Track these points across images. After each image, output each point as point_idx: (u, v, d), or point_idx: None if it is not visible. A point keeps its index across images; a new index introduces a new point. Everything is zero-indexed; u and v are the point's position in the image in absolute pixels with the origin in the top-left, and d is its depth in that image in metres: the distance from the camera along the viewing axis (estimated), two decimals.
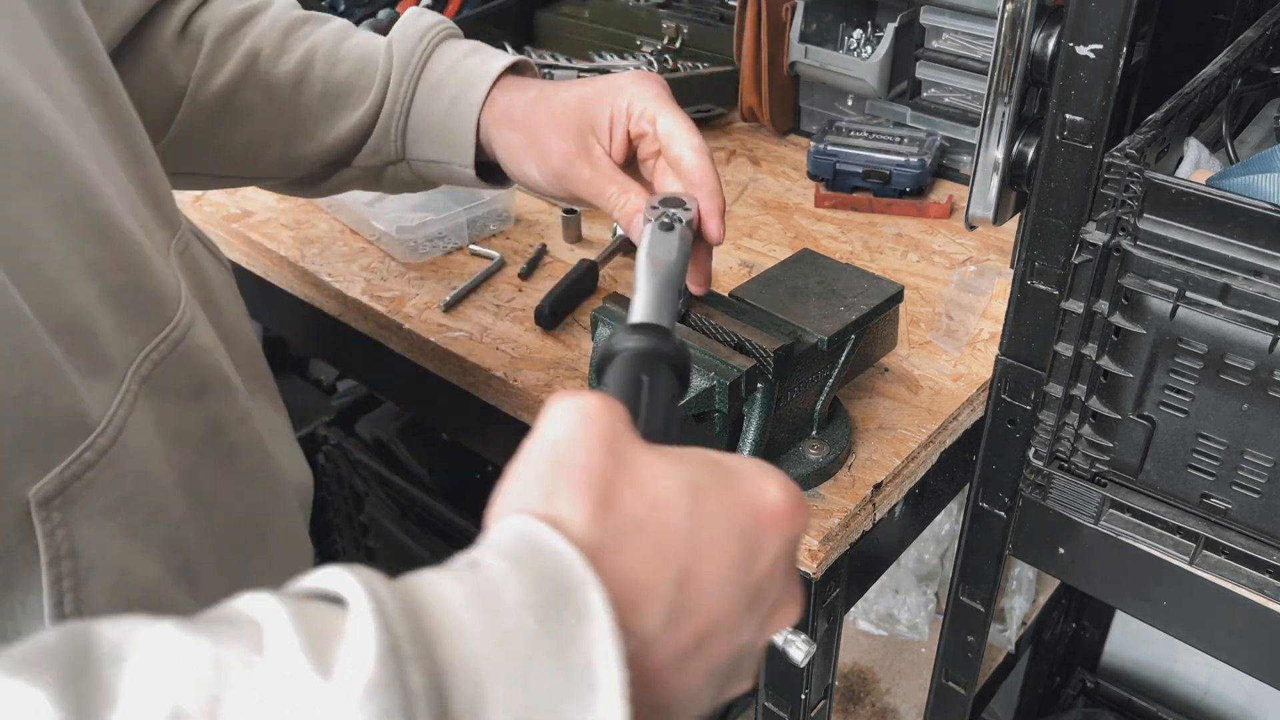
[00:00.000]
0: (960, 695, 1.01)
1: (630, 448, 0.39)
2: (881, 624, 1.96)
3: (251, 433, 0.63)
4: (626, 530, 0.38)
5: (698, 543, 0.38)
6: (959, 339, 0.94)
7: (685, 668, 0.38)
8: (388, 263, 1.07)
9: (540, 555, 0.36)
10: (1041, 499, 0.78)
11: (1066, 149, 0.66)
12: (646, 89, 0.70)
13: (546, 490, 0.38)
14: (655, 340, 0.50)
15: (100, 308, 0.52)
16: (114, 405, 0.51)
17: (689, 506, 0.39)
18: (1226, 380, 0.65)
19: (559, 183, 0.72)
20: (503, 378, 0.91)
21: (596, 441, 0.39)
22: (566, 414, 0.40)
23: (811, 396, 0.80)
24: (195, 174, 0.80)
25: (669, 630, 0.37)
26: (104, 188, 0.53)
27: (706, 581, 0.38)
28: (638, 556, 0.37)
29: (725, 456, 0.42)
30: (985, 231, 1.05)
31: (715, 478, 0.40)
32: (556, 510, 0.38)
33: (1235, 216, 0.61)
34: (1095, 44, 0.62)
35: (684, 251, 0.62)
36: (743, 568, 0.40)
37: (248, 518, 0.63)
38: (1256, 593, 0.70)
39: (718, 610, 0.39)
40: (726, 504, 0.40)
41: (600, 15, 1.45)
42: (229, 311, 0.70)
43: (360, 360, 1.12)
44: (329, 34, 0.78)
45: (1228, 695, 1.55)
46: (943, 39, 1.17)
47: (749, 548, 0.40)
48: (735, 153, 1.27)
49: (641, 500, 0.38)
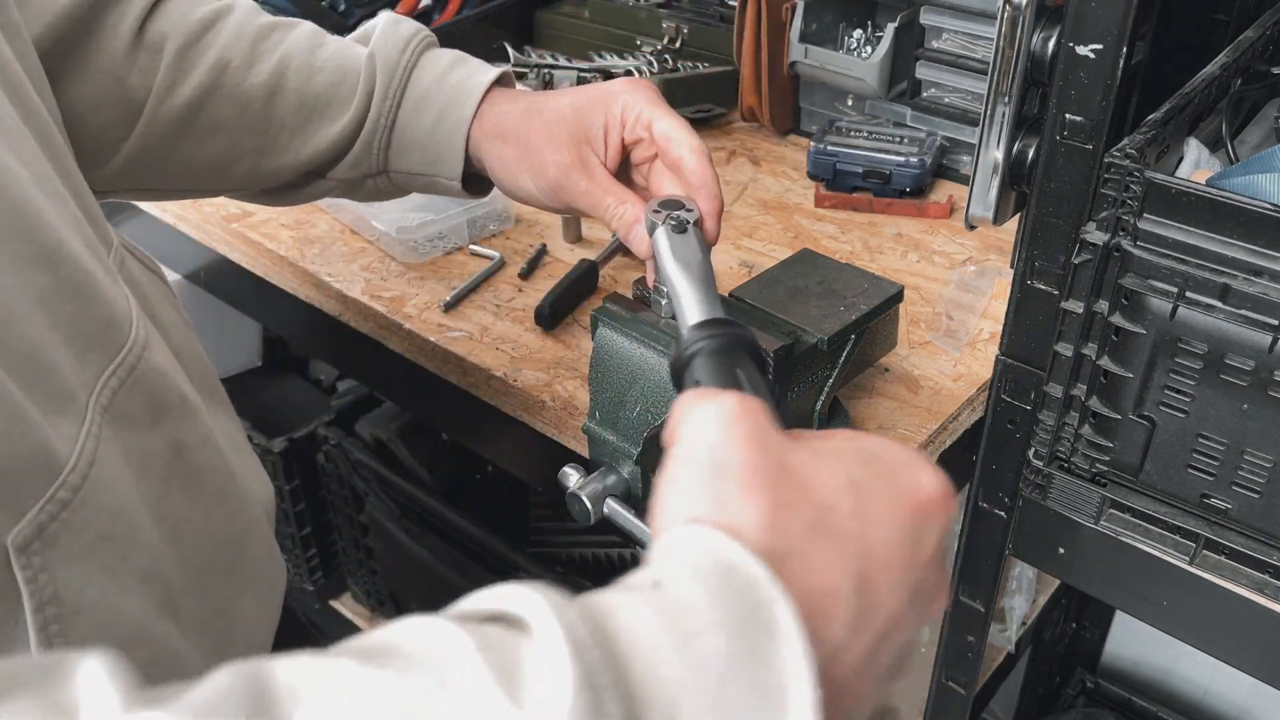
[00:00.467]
0: (960, 695, 1.01)
1: (782, 446, 0.39)
2: None
3: (215, 453, 0.61)
4: (804, 535, 0.37)
5: (870, 542, 0.38)
6: (959, 339, 0.94)
7: (867, 671, 0.38)
8: (388, 263, 1.07)
9: (726, 571, 0.35)
10: (1041, 499, 0.78)
11: (1066, 149, 0.66)
12: (639, 94, 0.70)
13: (715, 496, 0.37)
14: (730, 332, 0.50)
15: (54, 339, 0.49)
16: (80, 440, 0.49)
17: (854, 504, 0.39)
18: (1226, 380, 0.65)
19: (555, 194, 0.71)
20: (503, 378, 0.91)
21: (753, 442, 0.38)
22: (712, 417, 0.39)
23: (811, 396, 0.80)
24: (152, 189, 0.77)
25: (854, 636, 0.37)
26: (47, 213, 0.51)
27: (882, 581, 0.38)
28: (819, 562, 0.37)
29: (873, 444, 0.42)
30: (985, 231, 1.05)
31: (871, 470, 0.40)
32: (731, 517, 0.37)
33: (1235, 216, 0.61)
34: (1095, 44, 0.62)
35: (705, 249, 0.63)
36: (909, 564, 0.40)
37: (222, 540, 0.61)
38: (1256, 593, 0.70)
39: (893, 609, 0.39)
40: (888, 498, 0.40)
41: (600, 15, 1.45)
42: (174, 326, 0.66)
43: (360, 360, 1.12)
44: (301, 41, 0.75)
45: (1228, 695, 1.55)
46: (943, 39, 1.17)
47: (914, 541, 0.40)
48: (735, 153, 1.27)
49: (809, 502, 0.38)
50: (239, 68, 0.72)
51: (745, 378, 0.48)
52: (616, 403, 0.77)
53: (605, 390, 0.77)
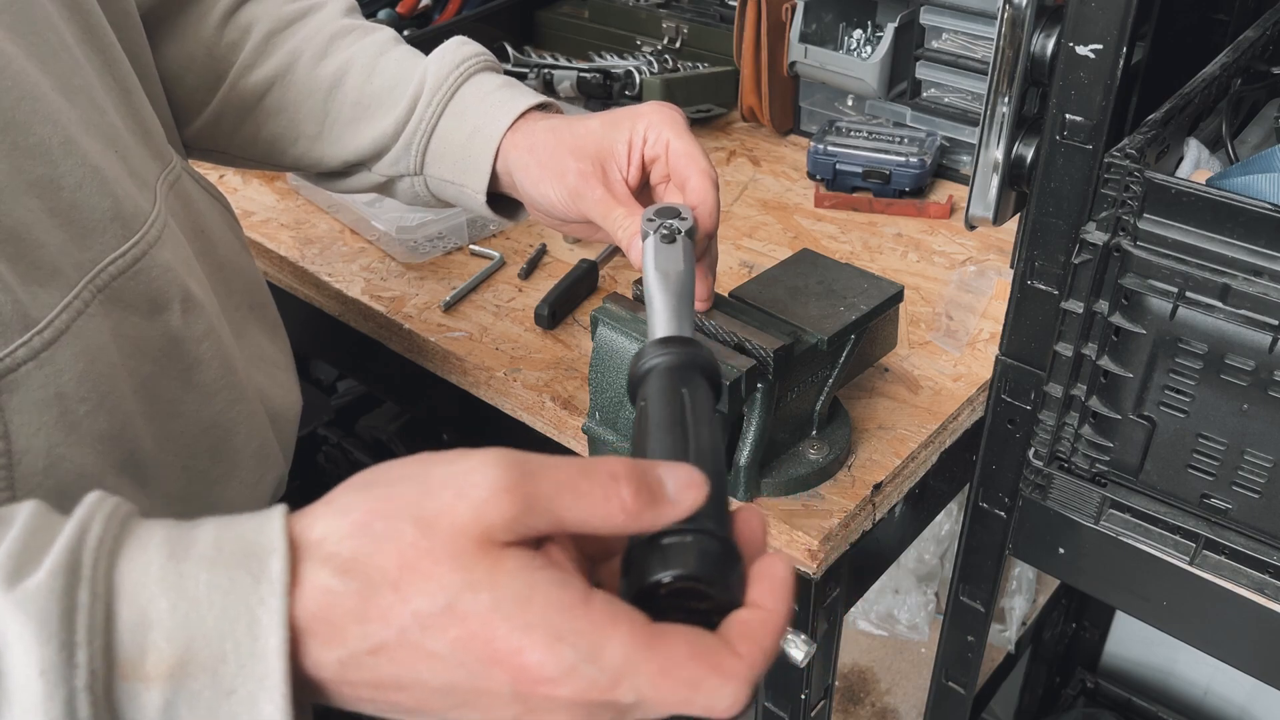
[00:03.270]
0: (960, 695, 1.01)
1: (468, 555, 0.38)
2: (881, 624, 1.96)
3: (217, 349, 0.66)
4: (358, 590, 0.38)
5: (415, 653, 0.38)
6: (959, 339, 0.94)
7: (357, 698, 0.40)
8: (388, 263, 1.07)
9: (250, 523, 0.39)
10: (1041, 499, 0.78)
11: (1066, 149, 0.66)
12: (664, 115, 0.72)
13: (366, 509, 0.39)
14: (686, 352, 0.50)
15: (50, 221, 0.56)
16: (57, 309, 0.55)
17: (432, 622, 0.37)
18: (1226, 380, 0.65)
19: (573, 200, 0.73)
20: (503, 378, 0.91)
21: (452, 521, 0.38)
22: (474, 483, 0.39)
23: (811, 396, 0.80)
24: (224, 153, 0.84)
25: (339, 670, 0.38)
26: (62, 114, 0.57)
27: (407, 682, 0.38)
28: (346, 607, 0.38)
29: (550, 591, 0.38)
30: (985, 231, 1.05)
31: (483, 611, 0.37)
32: (329, 521, 0.39)
33: (1235, 216, 0.61)
34: (1095, 44, 0.62)
35: (690, 261, 0.62)
36: (452, 704, 0.39)
37: (210, 426, 0.66)
38: (1256, 593, 0.70)
39: (408, 701, 0.39)
40: (468, 642, 0.37)
41: (600, 15, 1.45)
42: (223, 242, 0.74)
43: (360, 360, 1.12)
44: (370, 46, 0.82)
45: (1228, 695, 1.55)
46: (943, 39, 1.17)
47: (468, 695, 0.39)
48: (735, 153, 1.27)
49: (400, 579, 0.38)
50: (310, 59, 0.80)
51: (689, 401, 0.47)
52: (616, 403, 0.77)
53: (605, 390, 0.77)
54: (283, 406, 0.77)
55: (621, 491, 0.39)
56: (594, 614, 0.38)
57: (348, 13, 0.85)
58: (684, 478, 0.41)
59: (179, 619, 0.37)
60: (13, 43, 0.56)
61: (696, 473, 0.41)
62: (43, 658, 0.36)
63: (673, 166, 0.71)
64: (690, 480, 0.41)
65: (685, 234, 0.64)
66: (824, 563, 0.77)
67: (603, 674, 0.37)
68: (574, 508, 0.39)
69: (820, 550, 0.76)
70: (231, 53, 0.80)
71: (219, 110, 0.80)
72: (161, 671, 0.37)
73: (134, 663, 0.37)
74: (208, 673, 0.37)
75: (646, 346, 0.51)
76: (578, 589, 0.38)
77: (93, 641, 0.36)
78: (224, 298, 0.71)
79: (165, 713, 0.37)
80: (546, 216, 0.77)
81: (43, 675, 0.35)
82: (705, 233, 0.69)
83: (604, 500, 0.39)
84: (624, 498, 0.39)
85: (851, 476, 0.81)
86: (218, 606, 0.37)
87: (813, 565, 0.77)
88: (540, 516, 0.38)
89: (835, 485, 0.80)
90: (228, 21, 0.81)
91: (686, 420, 0.46)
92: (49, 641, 0.36)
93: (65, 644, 0.36)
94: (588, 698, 0.37)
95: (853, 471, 0.81)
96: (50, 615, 0.36)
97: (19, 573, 0.37)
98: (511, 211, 0.82)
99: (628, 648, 0.37)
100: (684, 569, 0.40)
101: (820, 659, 0.89)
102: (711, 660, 0.38)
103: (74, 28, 0.62)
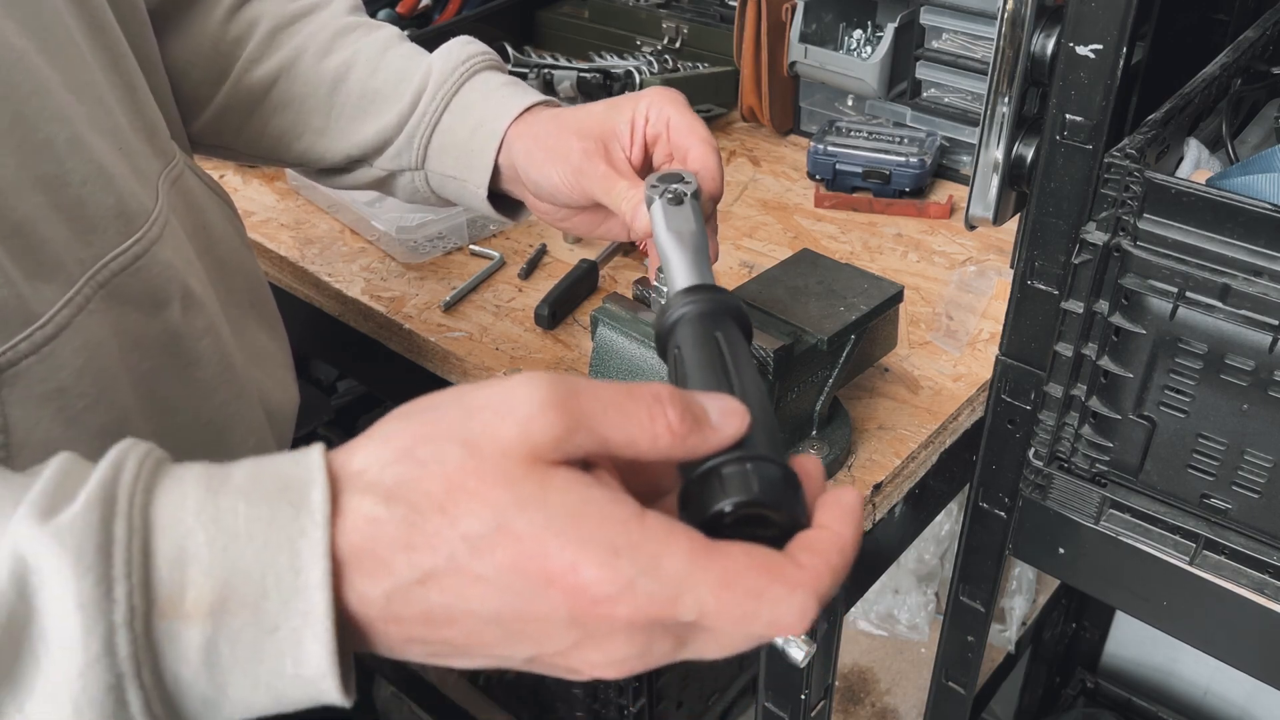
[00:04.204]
0: (960, 695, 1.01)
1: (516, 474, 0.37)
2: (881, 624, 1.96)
3: (216, 346, 0.67)
4: (403, 516, 0.36)
5: (464, 579, 0.36)
6: (959, 339, 0.94)
7: (406, 638, 0.38)
8: (388, 263, 1.07)
9: (288, 458, 0.38)
10: (1041, 499, 0.78)
11: (1066, 149, 0.66)
12: (665, 95, 0.73)
13: (409, 435, 0.38)
14: (714, 297, 0.49)
15: (54, 217, 0.56)
16: (59, 305, 0.55)
17: (482, 545, 0.36)
18: (1226, 380, 0.65)
19: (576, 180, 0.73)
20: (503, 378, 0.91)
21: (497, 440, 0.37)
22: (520, 400, 0.38)
23: (811, 396, 0.80)
24: (230, 149, 0.85)
25: (386, 606, 0.37)
26: (68, 110, 0.57)
27: (457, 613, 0.37)
28: (391, 535, 0.36)
29: (600, 513, 0.37)
30: (985, 231, 1.05)
31: (534, 529, 0.36)
32: (370, 451, 0.38)
33: (1235, 216, 0.61)
34: (1095, 44, 0.62)
35: (700, 221, 0.61)
36: (504, 636, 0.37)
37: (208, 423, 0.66)
38: (1256, 593, 0.70)
39: (458, 637, 0.38)
40: (520, 563, 0.36)
41: (600, 15, 1.45)
42: (224, 239, 0.74)
43: (360, 360, 1.12)
44: (375, 43, 0.82)
45: (1228, 695, 1.55)
46: (943, 39, 1.17)
47: (523, 623, 0.37)
48: (735, 153, 1.27)
49: (447, 502, 0.36)
50: (314, 54, 0.81)
51: (725, 343, 0.46)
52: None
53: None
54: (280, 404, 0.77)
55: (668, 412, 0.38)
56: (650, 528, 0.36)
57: (352, 10, 0.85)
58: (726, 405, 0.40)
59: (217, 553, 0.36)
60: (25, 38, 0.56)
61: (737, 402, 0.41)
62: (80, 591, 0.34)
63: (673, 141, 0.71)
64: (732, 408, 0.40)
65: (692, 196, 0.63)
66: None
67: (663, 588, 0.36)
68: (620, 426, 0.38)
69: None
70: (237, 48, 0.81)
71: (224, 105, 0.81)
72: (201, 609, 0.35)
73: (173, 600, 0.35)
74: (249, 609, 0.36)
75: (671, 297, 0.50)
76: (632, 505, 0.37)
77: (131, 576, 0.35)
78: (224, 294, 0.72)
79: (206, 652, 0.36)
80: (549, 208, 0.76)
81: (81, 609, 0.34)
82: (710, 195, 0.67)
83: (650, 421, 0.38)
84: (671, 418, 0.38)
85: (851, 476, 0.81)
86: (258, 539, 0.36)
87: None
88: (586, 434, 0.37)
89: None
90: (233, 17, 0.81)
91: (725, 361, 0.45)
92: (85, 575, 0.34)
93: (103, 577, 0.35)
94: (647, 614, 0.36)
95: (853, 471, 0.81)
96: (86, 548, 0.35)
97: (53, 508, 0.36)
98: (512, 211, 0.82)
99: (687, 560, 0.36)
100: (746, 494, 0.39)
101: (820, 659, 0.89)
102: (775, 571, 0.37)
103: (81, 24, 0.63)
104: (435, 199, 0.83)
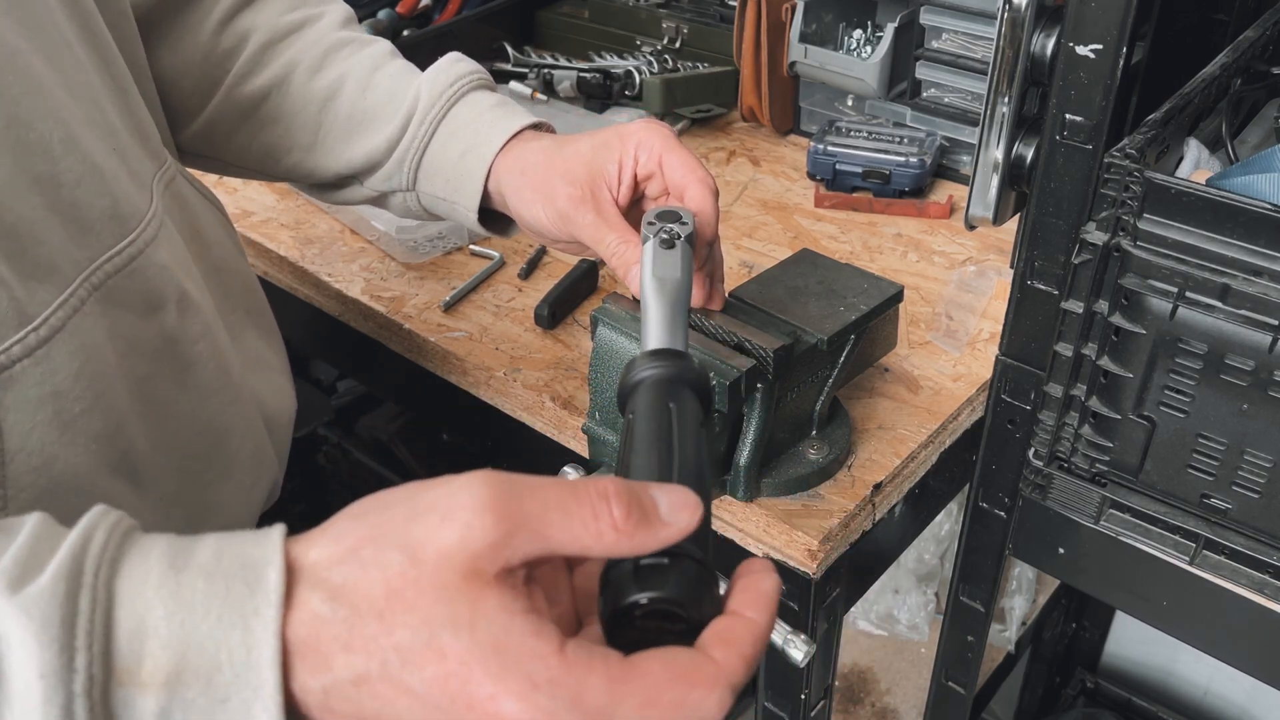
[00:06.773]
0: (960, 695, 1.01)
1: (452, 587, 0.37)
2: (881, 624, 1.96)
3: (212, 350, 0.66)
4: (344, 618, 0.38)
5: (395, 688, 0.37)
6: (959, 339, 0.94)
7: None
8: (388, 263, 1.07)
9: (250, 538, 0.39)
10: (1041, 499, 0.78)
11: (1066, 149, 0.66)
12: (654, 131, 0.73)
13: (357, 535, 0.39)
14: (675, 366, 0.49)
15: (50, 218, 0.55)
16: (53, 306, 0.55)
17: (414, 658, 0.37)
18: (1226, 380, 0.65)
19: (562, 224, 0.73)
20: (503, 378, 0.91)
21: (438, 547, 0.38)
22: (460, 504, 0.38)
23: (811, 396, 0.80)
24: (218, 160, 0.84)
25: (324, 699, 0.38)
26: (64, 111, 0.57)
27: (386, 718, 0.38)
28: (333, 634, 0.38)
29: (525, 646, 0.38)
30: (985, 231, 1.05)
31: (461, 651, 0.37)
32: (322, 546, 0.39)
33: (1235, 216, 0.61)
34: (1095, 44, 0.62)
35: (688, 268, 0.62)
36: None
37: (205, 428, 0.66)
38: (1256, 593, 0.70)
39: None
40: (446, 684, 0.37)
41: (600, 15, 1.45)
42: (218, 244, 0.74)
43: (360, 360, 1.12)
44: (366, 60, 0.81)
45: (1228, 695, 1.55)
46: (943, 39, 1.17)
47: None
48: (735, 153, 1.27)
49: (385, 609, 0.37)
50: (306, 71, 0.80)
51: (676, 415, 0.46)
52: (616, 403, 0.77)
53: (605, 390, 0.77)
54: (278, 410, 0.77)
55: (613, 510, 0.38)
56: (570, 662, 0.37)
57: (345, 25, 0.85)
58: (677, 499, 0.40)
59: (174, 627, 0.37)
60: (22, 37, 0.56)
61: (691, 494, 0.40)
62: (43, 661, 0.36)
63: (670, 179, 0.72)
64: (683, 501, 0.40)
65: (685, 239, 0.64)
66: (824, 563, 0.77)
67: (587, 718, 0.37)
68: (563, 527, 0.38)
69: (820, 550, 0.76)
70: (228, 59, 0.80)
71: (213, 116, 0.80)
72: (157, 679, 0.37)
73: (131, 669, 0.37)
74: (202, 680, 0.37)
75: (637, 358, 0.51)
76: (553, 637, 0.38)
77: (92, 646, 0.37)
78: (220, 300, 0.71)
79: (160, 719, 0.37)
80: (538, 235, 0.77)
81: (43, 678, 0.36)
82: (704, 240, 0.69)
83: (594, 519, 0.38)
84: (616, 516, 0.38)
85: (851, 476, 0.81)
86: (213, 615, 0.38)
87: (812, 565, 0.77)
88: (526, 537, 0.38)
89: (835, 485, 0.80)
90: (224, 28, 0.81)
91: (672, 436, 0.45)
92: (50, 645, 0.36)
93: (65, 648, 0.36)
94: None
95: (853, 471, 0.81)
96: (52, 620, 0.36)
97: (23, 579, 0.38)
98: (503, 227, 0.82)
99: (607, 689, 0.37)
100: (660, 591, 0.39)
101: (820, 659, 0.89)
102: (693, 676, 0.38)
103: (74, 25, 0.62)
104: (428, 216, 0.83)
